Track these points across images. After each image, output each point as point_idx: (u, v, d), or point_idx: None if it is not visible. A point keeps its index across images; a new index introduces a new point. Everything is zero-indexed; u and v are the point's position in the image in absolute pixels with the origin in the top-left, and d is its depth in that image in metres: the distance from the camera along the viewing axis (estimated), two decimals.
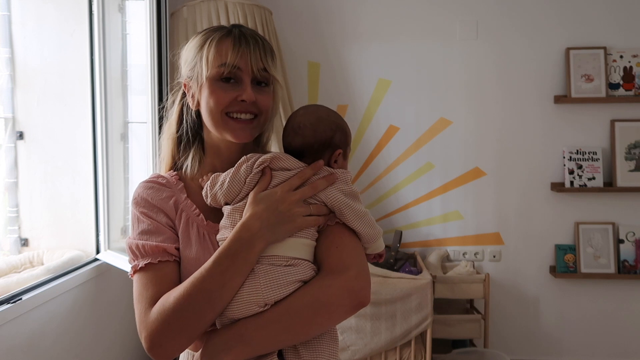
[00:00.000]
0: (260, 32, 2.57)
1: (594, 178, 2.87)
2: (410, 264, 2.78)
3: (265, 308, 0.85)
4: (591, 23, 2.90)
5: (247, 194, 0.92)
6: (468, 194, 3.01)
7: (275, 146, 2.50)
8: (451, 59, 2.97)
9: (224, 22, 2.53)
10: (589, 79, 2.87)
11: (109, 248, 2.20)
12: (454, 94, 2.98)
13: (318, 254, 0.91)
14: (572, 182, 2.88)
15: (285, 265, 0.87)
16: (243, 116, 0.96)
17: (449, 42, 2.96)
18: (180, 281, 0.91)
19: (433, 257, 2.95)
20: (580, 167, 2.88)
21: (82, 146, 2.21)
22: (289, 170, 0.92)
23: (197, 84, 0.97)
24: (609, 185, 2.89)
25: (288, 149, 0.96)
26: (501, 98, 2.97)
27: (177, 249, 0.95)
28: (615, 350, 2.98)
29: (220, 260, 0.86)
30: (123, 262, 2.10)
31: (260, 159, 0.92)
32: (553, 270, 2.97)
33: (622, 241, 2.90)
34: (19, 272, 2.03)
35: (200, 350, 0.88)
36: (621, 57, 2.88)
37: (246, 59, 0.94)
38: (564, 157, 2.92)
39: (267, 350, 0.86)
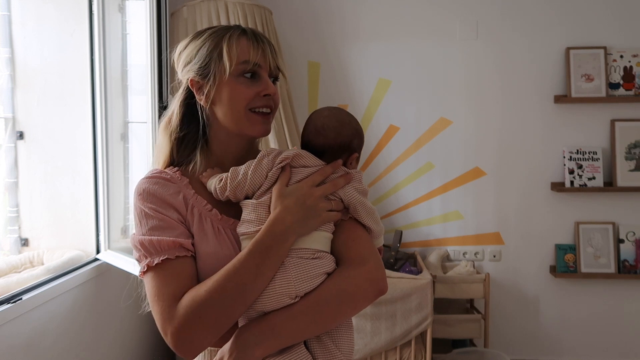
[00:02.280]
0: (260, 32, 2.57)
1: (594, 178, 2.87)
2: (411, 263, 2.78)
3: (296, 300, 0.88)
4: (591, 23, 2.90)
5: (268, 189, 0.95)
6: (468, 193, 3.01)
7: (273, 142, 2.50)
8: (451, 59, 2.97)
9: (224, 22, 2.53)
10: (589, 78, 2.87)
11: (109, 248, 2.20)
12: (454, 93, 2.98)
13: (336, 247, 0.95)
14: (572, 182, 2.88)
15: (312, 258, 0.90)
16: (265, 110, 0.99)
17: (449, 42, 2.96)
18: (197, 277, 0.91)
19: (433, 257, 2.95)
20: (580, 166, 2.88)
21: (82, 146, 2.21)
22: (308, 167, 0.96)
23: (215, 81, 0.98)
24: (609, 185, 2.89)
25: (307, 146, 1.00)
26: (501, 98, 2.97)
27: (192, 244, 0.94)
28: (615, 350, 2.98)
29: (254, 253, 0.87)
30: (123, 262, 2.10)
31: (282, 155, 0.95)
32: (553, 270, 2.97)
33: (622, 241, 2.90)
34: (19, 272, 2.03)
35: (228, 345, 0.88)
36: (621, 56, 2.88)
37: (265, 56, 0.99)
38: (564, 157, 2.92)
39: (296, 341, 0.89)
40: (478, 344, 2.90)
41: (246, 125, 0.99)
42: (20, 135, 2.18)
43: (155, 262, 0.90)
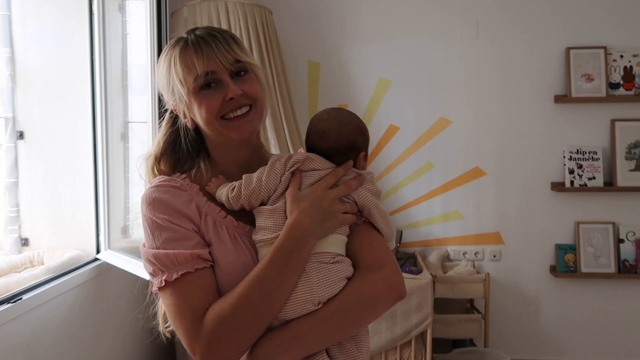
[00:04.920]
0: (260, 31, 2.57)
1: (594, 178, 2.87)
2: (411, 263, 2.78)
3: (319, 307, 0.87)
4: (591, 23, 2.90)
5: (282, 194, 0.93)
6: (468, 193, 3.00)
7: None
8: (451, 59, 2.97)
9: (224, 22, 2.53)
10: (589, 78, 2.87)
11: (109, 248, 2.20)
12: (454, 93, 2.98)
13: (350, 251, 0.94)
14: (572, 182, 2.88)
15: (332, 263, 0.89)
16: (239, 112, 0.95)
17: (449, 41, 2.96)
18: (218, 287, 0.89)
19: (433, 257, 2.95)
20: (580, 166, 2.88)
21: (82, 146, 2.21)
22: (319, 170, 0.95)
23: (183, 103, 0.96)
24: (609, 184, 2.89)
25: (313, 151, 0.99)
26: (501, 98, 2.97)
27: (209, 253, 0.92)
28: (615, 350, 2.98)
29: (276, 260, 0.86)
30: (123, 262, 2.10)
31: (293, 159, 0.95)
32: (553, 269, 2.97)
33: (622, 241, 2.90)
34: (19, 271, 2.03)
35: (253, 354, 0.86)
36: (621, 56, 2.88)
37: (214, 60, 0.92)
38: (564, 157, 2.92)
39: (319, 349, 0.88)
40: (478, 344, 2.90)
41: (225, 133, 0.95)
42: (21, 135, 2.18)
43: (174, 277, 0.87)
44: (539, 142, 2.96)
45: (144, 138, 2.14)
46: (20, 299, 1.64)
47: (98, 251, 2.22)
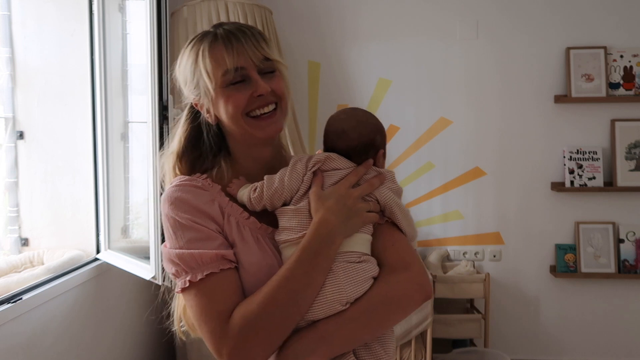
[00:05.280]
0: None
1: (594, 178, 2.87)
2: None
3: (346, 307, 0.86)
4: (591, 23, 2.90)
5: (304, 193, 0.93)
6: (468, 193, 3.01)
7: None
8: (451, 59, 2.97)
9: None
10: (589, 78, 2.87)
11: (109, 248, 2.20)
12: (454, 93, 2.98)
13: (374, 251, 0.93)
14: (572, 182, 2.88)
15: (358, 262, 0.89)
16: (265, 109, 0.94)
17: (449, 41, 2.96)
18: (242, 289, 0.88)
19: (433, 257, 2.95)
20: (580, 166, 2.88)
21: (82, 146, 2.21)
22: (340, 169, 0.94)
23: (208, 98, 0.94)
24: (609, 184, 2.89)
25: (333, 151, 0.98)
26: (501, 98, 2.97)
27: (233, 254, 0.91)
28: (616, 350, 2.98)
29: (303, 259, 0.85)
30: (123, 262, 2.10)
31: (314, 159, 0.94)
32: (553, 269, 2.97)
33: (622, 241, 2.90)
34: (19, 271, 2.03)
35: (277, 355, 0.86)
36: (621, 56, 2.88)
37: (245, 56, 0.91)
38: (564, 157, 2.92)
39: (346, 349, 0.87)
40: (478, 344, 2.90)
41: (251, 131, 0.94)
42: (21, 135, 2.18)
43: (199, 278, 0.85)
44: (539, 142, 2.96)
45: (144, 138, 2.14)
46: (20, 299, 1.64)
47: (98, 251, 2.22)
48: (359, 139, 0.96)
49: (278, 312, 0.83)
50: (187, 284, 0.86)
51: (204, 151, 1.01)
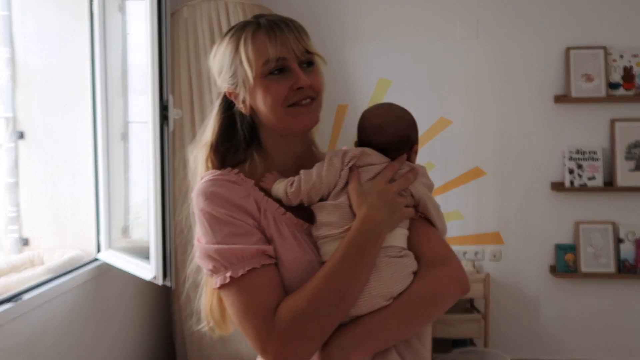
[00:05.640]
0: None
1: (594, 178, 2.87)
2: None
3: (389, 302, 0.86)
4: (591, 23, 2.90)
5: (342, 188, 0.92)
6: (468, 193, 3.01)
7: None
8: (451, 59, 2.97)
9: (224, 22, 2.53)
10: (589, 78, 2.87)
11: (109, 248, 2.20)
12: (454, 93, 2.98)
13: (410, 246, 0.93)
14: (572, 182, 2.88)
15: (399, 257, 0.89)
16: (303, 102, 0.93)
17: (449, 41, 2.96)
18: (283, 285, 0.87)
19: None
20: (580, 166, 2.88)
21: (83, 146, 2.22)
22: (375, 165, 0.95)
23: (245, 88, 0.93)
24: (609, 184, 2.89)
25: (367, 146, 0.98)
26: (501, 98, 2.96)
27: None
28: (616, 349, 2.98)
29: (349, 255, 0.84)
30: (123, 262, 2.10)
31: (350, 154, 0.94)
32: (553, 269, 2.97)
33: (622, 241, 2.90)
34: (20, 271, 2.03)
35: (322, 351, 0.85)
36: (621, 56, 2.88)
37: (287, 46, 0.91)
38: (564, 157, 2.92)
39: (388, 345, 0.87)
40: (478, 343, 2.90)
41: (289, 122, 0.93)
42: (21, 135, 2.18)
43: (240, 273, 0.84)
44: (539, 142, 2.96)
45: (144, 138, 2.14)
46: (21, 299, 1.65)
47: (98, 251, 2.22)
48: (395, 135, 0.97)
49: (325, 308, 0.82)
50: (228, 280, 0.85)
51: (235, 143, 1.00)
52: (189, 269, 1.03)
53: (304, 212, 0.94)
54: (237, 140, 1.00)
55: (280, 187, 0.93)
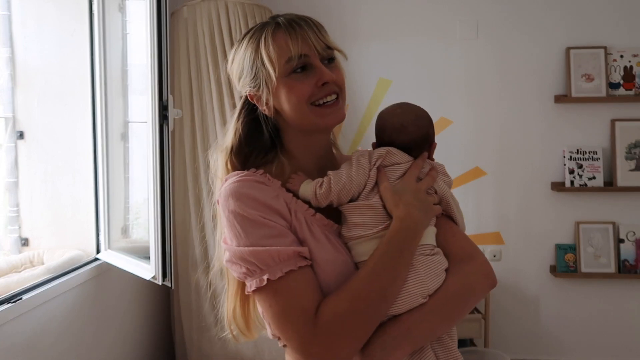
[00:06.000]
0: None
1: (594, 178, 2.87)
2: None
3: (426, 300, 0.87)
4: (591, 22, 2.90)
5: (372, 189, 0.92)
6: (468, 193, 3.00)
7: None
8: (451, 59, 2.96)
9: (224, 22, 2.53)
10: (589, 78, 2.87)
11: (109, 248, 2.20)
12: (454, 93, 2.98)
13: (437, 243, 0.94)
14: (572, 182, 2.88)
15: (432, 255, 0.90)
16: (329, 98, 0.92)
17: (449, 41, 2.96)
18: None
19: None
20: (580, 166, 2.88)
21: (82, 146, 2.22)
22: (400, 164, 0.95)
23: (268, 88, 0.92)
24: (610, 184, 2.89)
25: (389, 145, 0.98)
26: (501, 97, 2.96)
27: None
28: (615, 350, 2.98)
29: (390, 254, 0.85)
30: (123, 262, 2.10)
31: (376, 154, 0.95)
32: (553, 269, 2.97)
33: (622, 241, 2.90)
34: (19, 271, 2.03)
35: (362, 351, 0.84)
36: (621, 56, 2.88)
37: (308, 43, 0.90)
38: (564, 157, 2.92)
39: (425, 342, 0.88)
40: (478, 343, 2.90)
41: (315, 120, 0.92)
42: (21, 135, 2.18)
43: (278, 276, 0.82)
44: (539, 142, 2.96)
45: (144, 138, 2.15)
46: (20, 299, 1.65)
47: (98, 251, 2.22)
48: (418, 132, 0.98)
49: (368, 308, 0.82)
50: (265, 282, 0.83)
51: (257, 146, 0.99)
52: (211, 275, 1.03)
53: (329, 213, 0.93)
54: (261, 143, 0.99)
55: (308, 188, 0.93)
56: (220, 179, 0.98)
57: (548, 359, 3.02)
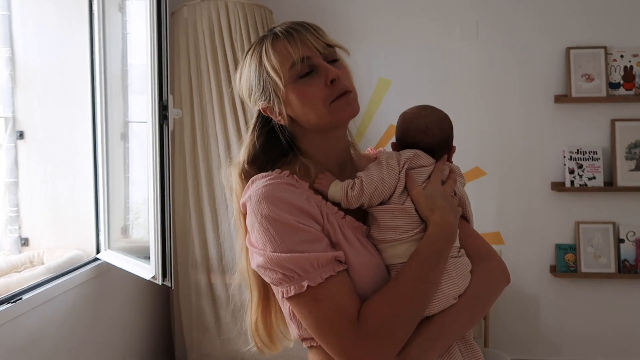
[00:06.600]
0: (260, 31, 2.57)
1: (594, 177, 2.87)
2: None
3: (456, 300, 0.89)
4: (591, 22, 2.90)
5: (402, 191, 0.93)
6: (468, 193, 2.98)
7: None
8: (451, 59, 2.96)
9: (224, 22, 2.53)
10: (589, 78, 2.87)
11: (109, 248, 2.20)
12: (454, 93, 2.98)
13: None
14: (572, 182, 2.88)
15: (459, 256, 0.93)
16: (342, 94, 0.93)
17: (449, 41, 2.96)
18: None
19: None
20: (580, 166, 2.88)
21: (82, 146, 2.22)
22: (425, 166, 0.97)
23: (279, 98, 0.92)
24: (610, 184, 2.89)
25: (413, 147, 0.99)
26: (501, 97, 2.96)
27: None
28: (616, 350, 2.98)
29: (430, 257, 0.86)
30: (123, 262, 2.10)
31: (404, 157, 0.95)
32: (553, 269, 2.97)
33: (622, 241, 2.90)
34: (19, 271, 2.03)
35: (399, 354, 0.84)
36: (621, 56, 2.88)
37: (308, 45, 0.91)
38: (564, 157, 2.92)
39: (454, 341, 0.91)
40: (478, 343, 2.89)
41: (333, 116, 0.92)
42: (21, 135, 2.18)
43: (318, 282, 0.81)
44: (539, 142, 2.96)
45: (144, 138, 2.15)
46: (20, 299, 1.65)
47: (98, 251, 2.22)
48: (442, 135, 1.00)
49: (412, 311, 0.84)
50: (304, 289, 0.81)
51: (272, 155, 0.99)
52: (233, 285, 1.02)
53: (357, 215, 0.93)
54: (278, 151, 0.99)
55: (337, 189, 0.91)
56: (234, 190, 0.98)
57: (548, 359, 3.02)
